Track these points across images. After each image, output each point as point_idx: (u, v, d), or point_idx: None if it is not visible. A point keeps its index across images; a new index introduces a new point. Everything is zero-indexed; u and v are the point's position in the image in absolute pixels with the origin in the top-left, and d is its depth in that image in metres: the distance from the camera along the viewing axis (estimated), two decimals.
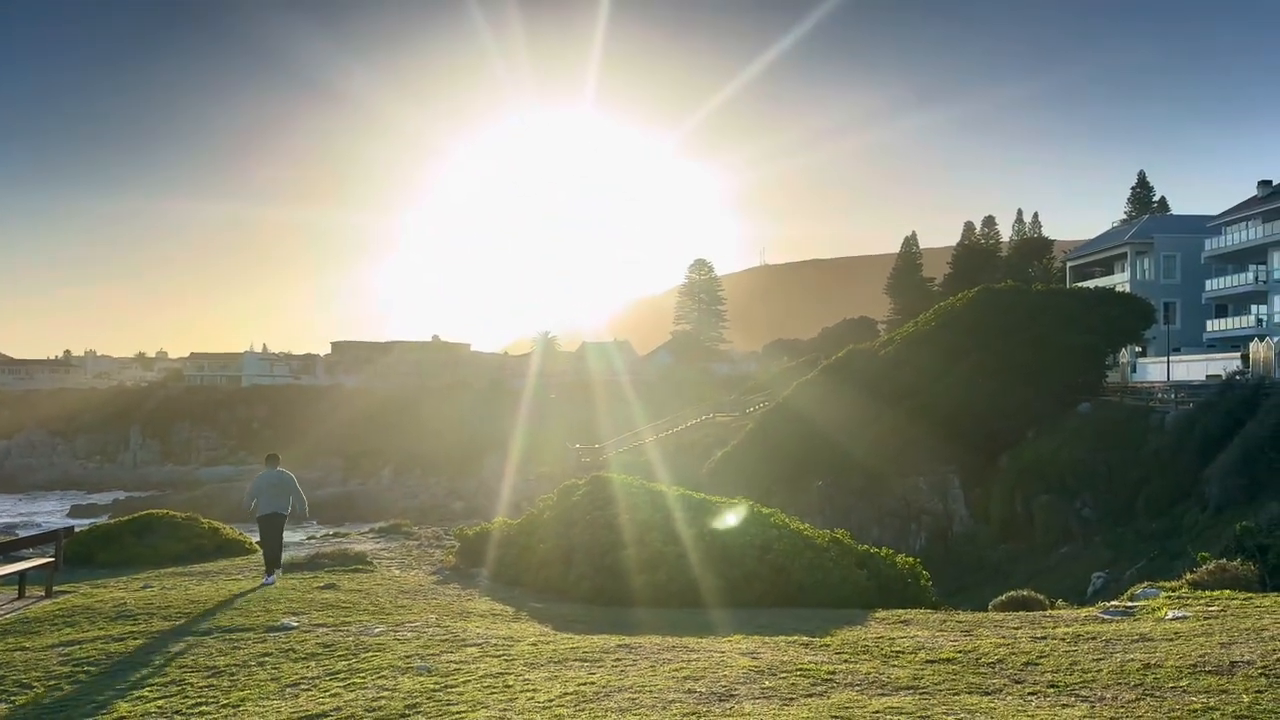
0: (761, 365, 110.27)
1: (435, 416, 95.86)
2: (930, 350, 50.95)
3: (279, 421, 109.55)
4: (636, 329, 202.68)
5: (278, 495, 15.13)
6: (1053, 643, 8.68)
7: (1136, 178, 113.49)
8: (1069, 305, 52.45)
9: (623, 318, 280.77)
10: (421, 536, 20.60)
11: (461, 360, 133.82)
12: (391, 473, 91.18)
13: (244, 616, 11.32)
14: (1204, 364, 49.62)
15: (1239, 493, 30.63)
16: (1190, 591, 11.47)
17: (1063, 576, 32.13)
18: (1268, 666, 7.15)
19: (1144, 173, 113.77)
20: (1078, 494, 39.35)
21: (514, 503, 63.09)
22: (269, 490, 15.14)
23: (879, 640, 9.23)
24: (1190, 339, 70.26)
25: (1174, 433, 37.88)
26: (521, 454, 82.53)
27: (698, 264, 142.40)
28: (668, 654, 8.64)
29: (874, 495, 46.95)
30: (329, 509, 74.92)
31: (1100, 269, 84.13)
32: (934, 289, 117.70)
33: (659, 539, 13.64)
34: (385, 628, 10.45)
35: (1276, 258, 67.06)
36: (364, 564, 16.17)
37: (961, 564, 40.55)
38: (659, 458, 61.00)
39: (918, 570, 14.65)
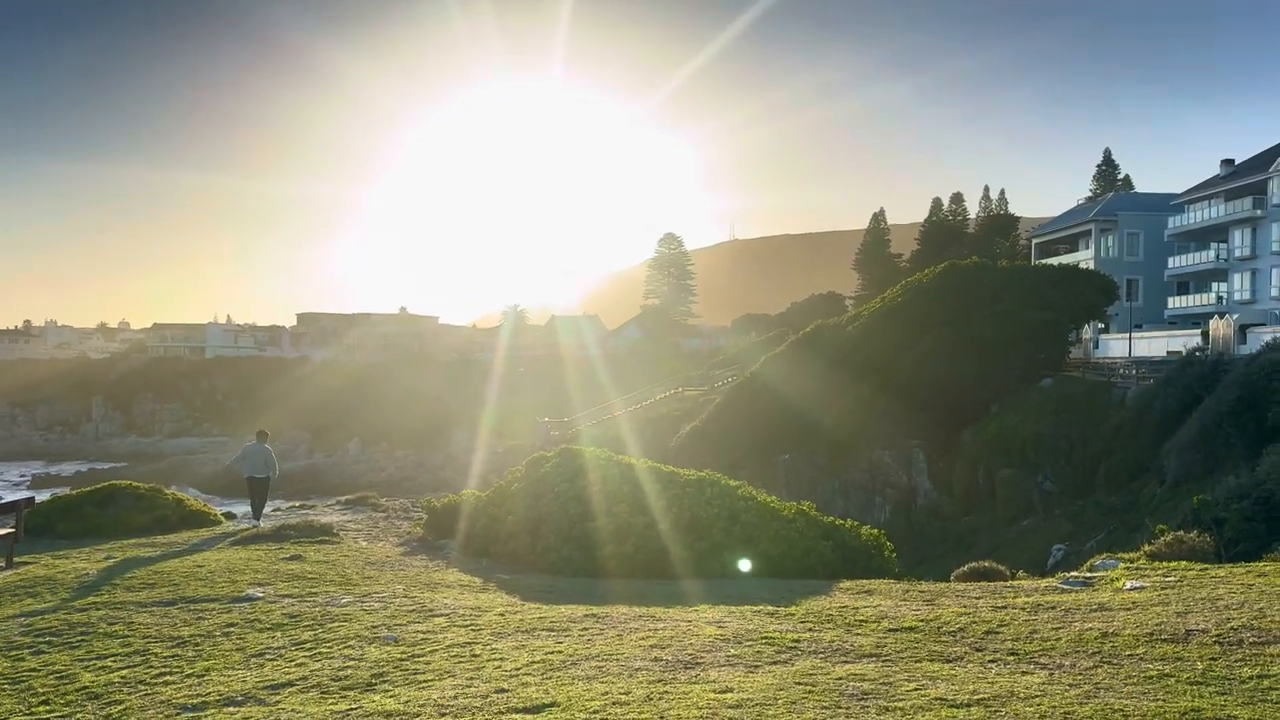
0: (731, 339, 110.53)
1: (403, 389, 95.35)
2: (896, 325, 51.35)
3: (243, 394, 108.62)
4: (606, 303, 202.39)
5: (262, 462, 19.35)
6: (1013, 612, 8.82)
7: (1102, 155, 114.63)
8: (1033, 281, 52.99)
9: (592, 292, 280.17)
10: (389, 509, 20.51)
11: (429, 333, 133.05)
12: (358, 445, 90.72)
13: (209, 587, 11.25)
14: (1165, 341, 50.38)
15: (1196, 467, 31.20)
16: (1148, 563, 11.69)
17: (1024, 548, 32.67)
18: (1222, 635, 7.32)
19: (1109, 150, 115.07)
20: (1039, 468, 39.95)
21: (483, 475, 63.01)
22: (253, 457, 19.39)
23: (843, 609, 9.34)
24: (1152, 316, 71.23)
25: (1134, 408, 38.50)
26: (490, 427, 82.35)
27: (667, 238, 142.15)
28: (635, 623, 8.69)
29: (840, 468, 47.41)
30: (295, 482, 74.39)
31: (1065, 246, 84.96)
32: (902, 265, 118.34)
33: (627, 510, 13.69)
34: (352, 598, 10.43)
35: (1238, 236, 68.03)
36: (330, 535, 16.10)
37: (925, 535, 41.10)
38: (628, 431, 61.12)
39: (882, 541, 14.81)
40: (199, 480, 79.64)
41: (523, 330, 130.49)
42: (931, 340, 48.47)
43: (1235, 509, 20.99)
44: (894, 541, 16.12)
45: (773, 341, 73.19)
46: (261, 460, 19.40)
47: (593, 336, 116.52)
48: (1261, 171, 66.83)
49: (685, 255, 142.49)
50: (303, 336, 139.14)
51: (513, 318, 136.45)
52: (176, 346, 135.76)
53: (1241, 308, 62.55)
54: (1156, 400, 36.87)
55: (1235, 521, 20.00)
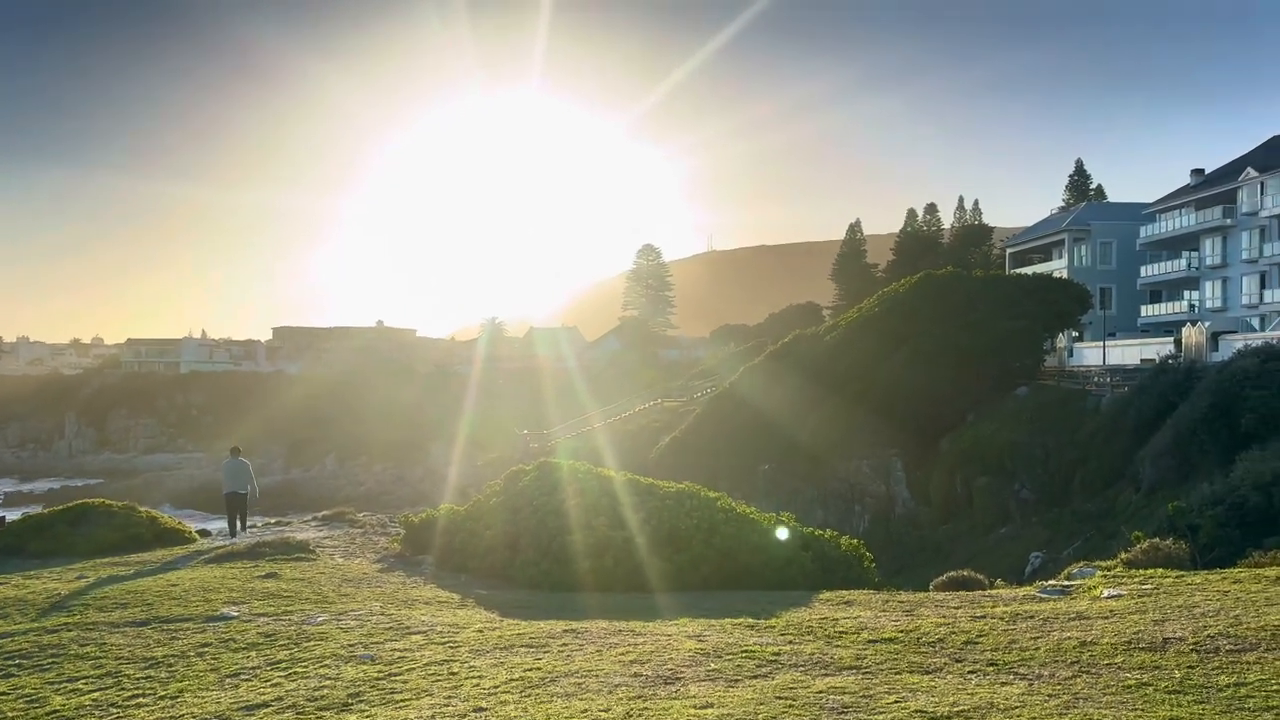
0: (709, 350, 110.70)
1: (380, 403, 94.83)
2: (873, 336, 51.60)
3: (219, 408, 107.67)
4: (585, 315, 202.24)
5: (241, 478, 20.09)
6: (992, 622, 8.84)
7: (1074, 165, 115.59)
8: (1008, 291, 53.40)
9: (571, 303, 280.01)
10: (366, 524, 20.35)
11: (407, 346, 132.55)
12: (335, 460, 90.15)
13: (183, 607, 11.10)
14: (1138, 348, 50.84)
15: (1171, 474, 31.44)
16: (1125, 570, 11.75)
17: (1002, 556, 32.80)
18: (1199, 643, 7.35)
19: (1081, 161, 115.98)
20: (1016, 476, 40.17)
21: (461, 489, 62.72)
22: (232, 474, 20.11)
23: (823, 621, 9.33)
24: (1125, 324, 71.94)
25: (1109, 416, 38.80)
26: (468, 440, 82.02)
27: (645, 249, 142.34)
28: (614, 638, 8.64)
29: (819, 478, 47.51)
30: (271, 497, 73.75)
31: (1039, 255, 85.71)
32: (878, 275, 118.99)
33: (606, 524, 13.64)
34: (328, 616, 10.32)
35: (1209, 245, 68.87)
36: (306, 552, 15.95)
37: (904, 544, 41.22)
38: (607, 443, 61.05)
39: (860, 551, 14.83)
40: (174, 496, 78.88)
41: (501, 342, 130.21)
42: (908, 350, 48.73)
43: (1210, 515, 21.17)
44: (873, 551, 16.15)
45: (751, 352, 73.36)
46: (240, 476, 20.15)
47: (571, 348, 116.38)
48: (1231, 181, 67.73)
49: (663, 267, 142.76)
50: (279, 350, 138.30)
51: (490, 330, 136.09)
52: (151, 361, 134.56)
53: (1213, 315, 63.26)
54: (1131, 408, 37.17)
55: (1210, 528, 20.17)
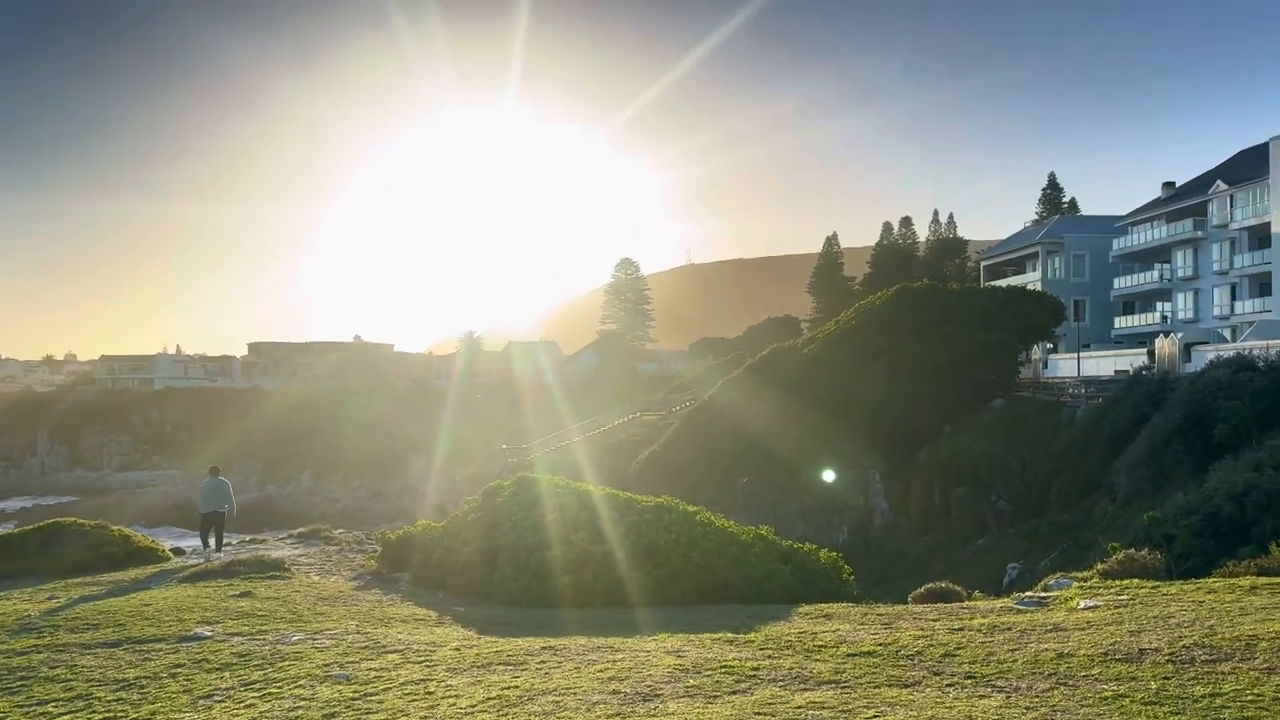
0: (688, 364, 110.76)
1: (357, 418, 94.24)
2: (850, 349, 51.84)
3: (194, 425, 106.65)
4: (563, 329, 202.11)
5: (220, 496, 20.50)
6: (970, 634, 8.86)
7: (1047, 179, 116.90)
8: (983, 303, 53.82)
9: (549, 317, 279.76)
10: (342, 541, 20.18)
11: (384, 361, 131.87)
12: (311, 476, 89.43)
13: (155, 627, 10.95)
14: (1112, 360, 51.31)
15: (1146, 484, 31.70)
16: (1101, 581, 11.82)
17: (980, 568, 32.94)
18: (1174, 653, 7.40)
19: (1054, 174, 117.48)
20: (993, 487, 40.40)
21: (439, 505, 62.36)
22: (211, 493, 20.51)
23: (802, 635, 9.32)
24: (1099, 335, 72.64)
25: (1084, 427, 39.11)
26: (447, 455, 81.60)
27: (624, 263, 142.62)
28: (593, 655, 8.59)
29: (798, 491, 47.58)
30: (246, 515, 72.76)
31: (1013, 268, 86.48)
32: (855, 288, 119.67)
33: (585, 539, 13.59)
34: (303, 635, 10.21)
35: (1180, 257, 69.72)
36: (282, 570, 15.79)
37: (882, 556, 41.33)
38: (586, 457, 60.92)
39: (839, 564, 14.84)
40: (148, 514, 78.01)
41: (479, 356, 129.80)
42: (884, 363, 48.99)
43: (1184, 525, 21.34)
44: (852, 563, 16.17)
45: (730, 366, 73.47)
46: (219, 495, 20.57)
47: (550, 362, 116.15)
48: (1201, 194, 68.66)
49: (642, 280, 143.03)
50: (254, 366, 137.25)
51: (468, 344, 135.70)
52: (125, 378, 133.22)
53: (1186, 326, 64.00)
54: (1105, 419, 37.49)
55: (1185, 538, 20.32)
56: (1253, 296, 62.58)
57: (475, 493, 17.41)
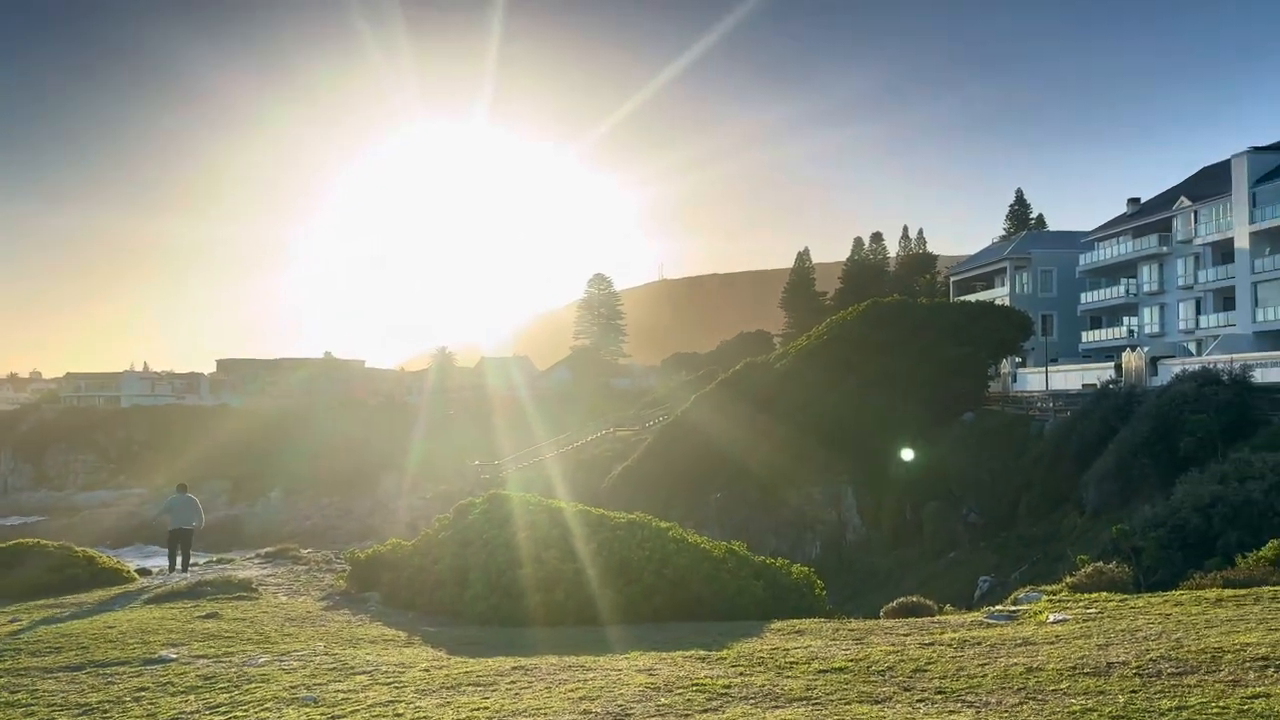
0: (661, 379, 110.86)
1: (327, 435, 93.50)
2: (822, 363, 52.14)
3: (161, 443, 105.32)
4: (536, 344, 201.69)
5: (189, 513, 20.45)
6: (940, 649, 8.88)
7: (1014, 196, 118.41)
8: (952, 318, 54.33)
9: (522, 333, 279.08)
10: (311, 560, 19.96)
11: (355, 377, 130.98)
12: (280, 494, 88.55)
13: (119, 650, 10.77)
14: (1080, 374, 51.85)
15: (1114, 497, 32.04)
16: (1070, 594, 11.90)
17: (951, 581, 33.12)
18: (1141, 666, 7.45)
19: (1021, 191, 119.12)
20: (964, 500, 40.68)
21: (410, 522, 61.98)
22: (180, 509, 20.41)
23: (774, 651, 9.31)
24: (1067, 350, 73.42)
25: (1053, 440, 39.50)
26: (418, 472, 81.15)
27: (597, 279, 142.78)
28: (564, 674, 8.54)
29: (770, 506, 47.69)
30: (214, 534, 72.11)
31: (981, 283, 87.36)
32: (826, 303, 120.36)
33: (557, 556, 13.52)
34: (270, 657, 10.07)
35: (1146, 272, 70.71)
36: (249, 591, 15.59)
37: (855, 571, 41.47)
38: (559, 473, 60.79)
39: (812, 579, 14.86)
40: (113, 534, 76.89)
41: (451, 372, 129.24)
42: (856, 377, 49.29)
43: (1152, 538, 21.58)
44: (825, 577, 16.21)
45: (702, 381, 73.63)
46: (189, 511, 20.60)
47: (522, 378, 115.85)
48: (1166, 210, 69.74)
49: (615, 296, 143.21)
50: (223, 383, 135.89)
51: (440, 360, 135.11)
52: (90, 396, 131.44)
53: (1152, 340, 64.88)
54: (1074, 432, 37.87)
55: (1152, 550, 20.55)
56: (1217, 311, 63.54)
57: (447, 510, 17.29)
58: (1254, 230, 59.62)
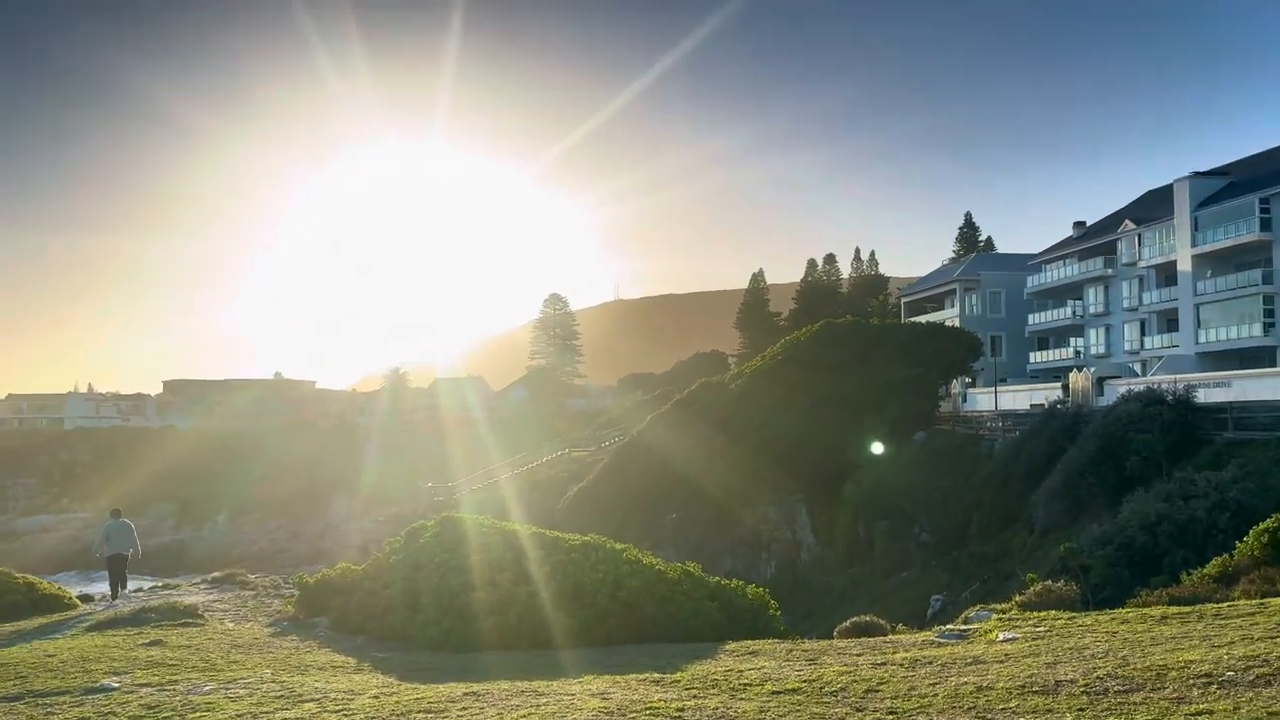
0: (617, 399, 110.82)
1: (277, 457, 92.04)
2: (777, 383, 52.44)
3: (105, 466, 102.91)
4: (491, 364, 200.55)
5: (122, 539, 20.37)
6: (892, 668, 8.92)
7: (964, 218, 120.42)
8: (904, 339, 54.99)
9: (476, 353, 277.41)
10: (258, 586, 19.62)
11: (305, 397, 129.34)
12: (228, 518, 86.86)
13: (59, 678, 10.48)
14: (1028, 394, 52.63)
15: (1063, 515, 32.49)
16: (1019, 613, 12.04)
17: (904, 600, 33.34)
18: (1089, 685, 7.54)
19: (970, 214, 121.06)
20: (916, 519, 41.03)
21: (361, 546, 61.14)
22: (116, 535, 20.37)
23: (728, 673, 9.29)
24: (1016, 370, 74.58)
25: (1002, 459, 40.01)
26: (370, 494, 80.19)
27: (552, 298, 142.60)
28: (516, 699, 8.45)
29: (726, 526, 47.73)
30: (160, 559, 70.74)
31: (932, 304, 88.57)
32: (781, 324, 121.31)
33: (510, 580, 13.41)
34: (215, 685, 9.85)
35: (1091, 294, 72.15)
36: (195, 617, 15.26)
37: (810, 590, 41.60)
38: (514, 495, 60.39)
39: (766, 600, 14.88)
40: (55, 559, 74.86)
41: (405, 393, 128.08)
42: (810, 397, 49.63)
43: (1099, 555, 21.93)
44: (780, 597, 16.25)
45: (658, 401, 73.71)
46: (125, 537, 20.53)
47: (477, 398, 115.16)
48: (1111, 233, 71.30)
49: (570, 315, 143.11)
50: (170, 404, 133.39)
51: (393, 380, 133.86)
52: (32, 418, 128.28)
53: (1098, 361, 66.08)
54: (1023, 451, 38.39)
55: (1100, 568, 20.87)
56: (1161, 332, 64.94)
57: (399, 533, 17.09)
58: (1196, 253, 61.12)
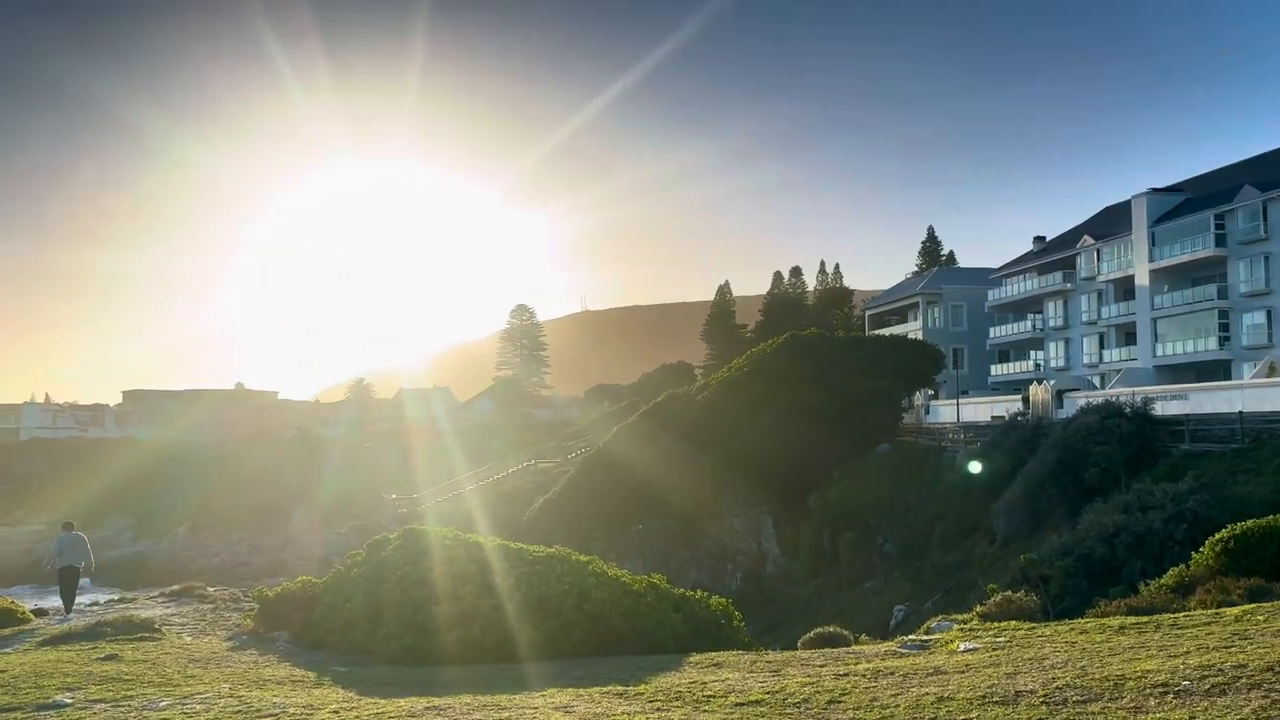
0: (583, 410, 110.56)
1: (238, 469, 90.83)
2: (743, 395, 52.60)
3: (62, 477, 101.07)
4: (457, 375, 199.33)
5: (75, 552, 20.02)
6: (855, 679, 8.96)
7: (926, 232, 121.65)
8: (868, 351, 55.39)
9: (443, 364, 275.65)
10: (217, 599, 19.31)
11: (267, 408, 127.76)
12: (188, 530, 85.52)
13: (10, 695, 10.25)
14: (989, 406, 53.18)
15: (1023, 526, 32.86)
16: (980, 623, 12.13)
17: (867, 610, 33.53)
18: (1048, 695, 7.61)
19: (933, 228, 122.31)
20: (879, 531, 41.30)
21: (323, 559, 60.43)
22: (70, 548, 20.06)
23: (692, 685, 9.28)
24: (977, 382, 75.38)
25: (964, 471, 40.40)
26: (332, 507, 79.35)
27: (519, 309, 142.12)
28: (478, 714, 8.38)
29: (692, 537, 47.79)
30: (117, 572, 69.49)
31: (895, 317, 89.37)
32: (747, 335, 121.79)
33: (473, 592, 13.31)
34: (171, 701, 9.69)
35: (1051, 308, 73.15)
36: (152, 631, 15.00)
37: (775, 601, 41.72)
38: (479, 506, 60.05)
39: (730, 611, 14.88)
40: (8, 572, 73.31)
41: (369, 404, 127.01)
42: (776, 409, 49.83)
43: (1059, 566, 22.19)
44: (745, 608, 16.27)
45: (625, 412, 73.69)
46: (78, 550, 20.19)
47: (443, 409, 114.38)
48: (1070, 248, 72.37)
49: (537, 326, 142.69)
50: (129, 415, 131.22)
51: (357, 391, 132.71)
52: None
53: (1058, 374, 66.97)
54: (984, 463, 38.81)
55: (1059, 579, 21.12)
56: (1119, 345, 65.95)
57: (361, 546, 16.91)
58: (1154, 268, 62.19)
